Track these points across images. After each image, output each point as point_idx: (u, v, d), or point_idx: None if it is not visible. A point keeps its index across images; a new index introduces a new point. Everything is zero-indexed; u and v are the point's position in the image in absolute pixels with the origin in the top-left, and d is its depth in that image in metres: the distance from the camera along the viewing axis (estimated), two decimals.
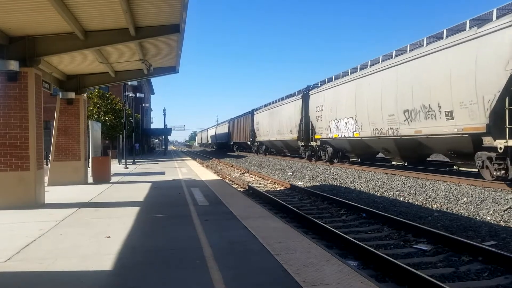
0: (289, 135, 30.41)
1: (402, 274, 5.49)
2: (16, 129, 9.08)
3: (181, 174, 18.21)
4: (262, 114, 39.47)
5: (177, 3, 8.33)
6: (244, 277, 4.16)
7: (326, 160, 24.76)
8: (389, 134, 16.85)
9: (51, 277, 4.32)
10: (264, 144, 40.46)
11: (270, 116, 35.96)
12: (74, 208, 8.71)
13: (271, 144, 37.69)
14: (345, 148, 22.71)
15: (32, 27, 8.99)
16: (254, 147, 44.81)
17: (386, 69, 17.23)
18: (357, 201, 12.08)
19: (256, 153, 43.69)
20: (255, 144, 43.79)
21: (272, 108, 35.82)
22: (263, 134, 39.02)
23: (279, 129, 32.92)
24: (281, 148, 35.54)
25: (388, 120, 16.87)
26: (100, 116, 33.40)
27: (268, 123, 36.32)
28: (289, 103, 30.88)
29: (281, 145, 34.76)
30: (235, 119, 55.85)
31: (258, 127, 40.94)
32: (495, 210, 9.64)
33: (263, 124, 38.36)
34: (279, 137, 33.20)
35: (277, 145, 35.74)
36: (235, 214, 7.59)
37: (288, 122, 30.60)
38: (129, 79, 16.89)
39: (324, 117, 23.75)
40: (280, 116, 32.64)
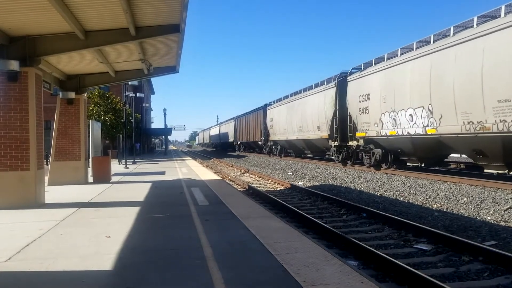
0: (316, 133, 25.14)
1: (402, 274, 5.49)
2: (17, 129, 9.07)
3: (182, 174, 18.21)
4: (277, 110, 33.91)
5: (177, 3, 8.33)
6: (244, 277, 4.16)
7: (371, 164, 19.24)
8: (496, 130, 11.46)
9: (51, 277, 4.32)
10: (279, 144, 35.01)
11: (288, 111, 30.63)
12: (75, 208, 8.71)
13: (288, 144, 32.26)
14: (403, 149, 16.90)
15: (32, 27, 8.99)
16: (266, 147, 39.41)
17: (493, 32, 11.55)
18: (357, 201, 12.08)
19: (268, 155, 38.63)
20: (267, 144, 38.37)
21: (291, 102, 30.31)
22: (278, 132, 33.46)
23: (301, 126, 27.51)
24: (302, 148, 30.12)
25: (497, 109, 11.43)
26: (101, 116, 33.41)
27: (286, 119, 30.95)
28: (316, 94, 25.16)
29: (302, 145, 29.39)
30: (242, 116, 50.35)
31: (272, 124, 35.33)
32: (496, 210, 9.64)
33: (279, 121, 32.95)
34: (300, 136, 27.87)
35: (297, 145, 30.39)
36: (235, 214, 7.59)
37: (314, 117, 25.18)
38: (129, 79, 16.92)
39: (373, 109, 18.07)
40: (303, 110, 27.06)
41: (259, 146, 43.27)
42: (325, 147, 25.02)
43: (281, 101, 33.53)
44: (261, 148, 42.74)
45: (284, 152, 34.96)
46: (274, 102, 36.23)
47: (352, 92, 20.41)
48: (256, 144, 43.98)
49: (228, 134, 60.79)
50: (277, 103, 34.76)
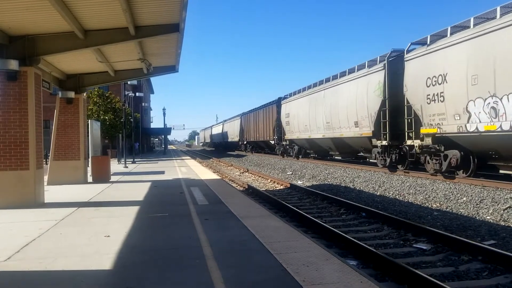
0: (351, 130, 19.91)
1: (401, 273, 5.50)
2: (16, 129, 9.07)
3: (181, 173, 18.20)
4: (296, 103, 28.57)
5: (176, 2, 8.33)
6: (244, 276, 4.16)
7: (440, 171, 14.32)
8: None
9: (51, 276, 4.32)
10: (296, 144, 29.88)
11: (311, 104, 25.30)
12: (74, 208, 8.70)
13: (309, 143, 26.90)
14: (502, 150, 12.05)
15: (31, 26, 8.98)
16: (279, 147, 34.08)
17: None
18: (356, 201, 12.09)
19: (281, 156, 33.52)
20: (282, 143, 33.05)
21: (315, 93, 24.85)
22: (296, 129, 28.16)
23: (329, 122, 22.39)
24: (328, 149, 24.88)
25: None
26: (100, 116, 33.37)
27: (308, 114, 25.67)
28: (353, 81, 19.91)
29: (328, 145, 24.14)
30: (250, 113, 45.18)
31: (288, 120, 29.95)
32: (495, 210, 9.65)
33: (298, 116, 27.68)
34: (328, 134, 22.72)
35: (321, 145, 25.26)
36: (234, 214, 7.60)
37: (350, 110, 19.90)
38: (129, 78, 16.92)
39: (452, 95, 13.05)
40: (333, 102, 21.99)
41: (270, 146, 38.11)
42: (364, 147, 20.12)
43: (300, 93, 27.93)
44: (272, 148, 37.61)
45: (303, 153, 29.64)
46: (290, 94, 30.70)
47: (413, 74, 15.12)
48: (267, 143, 38.80)
49: (232, 133, 55.95)
50: (295, 95, 29.24)
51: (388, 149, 17.32)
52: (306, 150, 29.30)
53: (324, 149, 25.75)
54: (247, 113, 46.95)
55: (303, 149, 29.54)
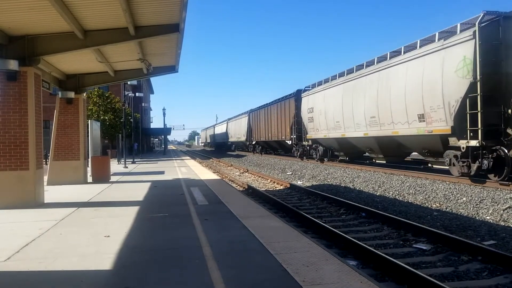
0: (414, 126, 14.68)
1: (401, 273, 5.50)
2: (16, 129, 9.07)
3: (181, 173, 18.20)
4: (323, 95, 23.16)
5: (176, 3, 8.33)
6: (244, 277, 4.16)
7: None
8: None
9: (51, 276, 4.32)
10: (322, 144, 24.92)
11: (345, 94, 20.21)
12: (74, 208, 8.70)
13: (341, 143, 21.91)
14: None
15: (31, 26, 8.98)
16: (299, 147, 29.08)
17: None
18: (356, 201, 12.09)
19: (300, 158, 29.00)
20: (302, 143, 28.05)
21: (351, 80, 19.63)
22: (324, 127, 23.02)
23: (375, 116, 17.18)
24: (367, 150, 20.21)
25: None
26: (100, 116, 33.39)
27: (340, 107, 20.67)
28: (416, 60, 14.76)
29: (370, 146, 19.08)
30: (260, 109, 40.05)
31: (312, 116, 24.87)
32: (495, 210, 9.65)
33: (326, 111, 22.47)
34: (373, 131, 17.65)
35: (359, 146, 20.43)
36: (234, 214, 7.60)
37: (411, 98, 14.82)
38: (129, 78, 16.92)
39: None
40: (381, 90, 16.71)
41: (285, 146, 33.31)
42: (429, 149, 14.97)
43: (329, 82, 22.86)
44: (288, 149, 33.00)
45: (330, 155, 24.78)
46: (314, 85, 25.52)
47: None
48: (281, 144, 33.89)
49: (238, 132, 51.03)
50: (320, 85, 24.02)
51: (480, 152, 12.10)
52: (333, 151, 24.42)
53: (359, 150, 21.40)
54: (256, 109, 41.77)
55: (329, 150, 24.69)
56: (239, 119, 51.51)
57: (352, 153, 22.62)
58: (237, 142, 53.15)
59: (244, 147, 50.52)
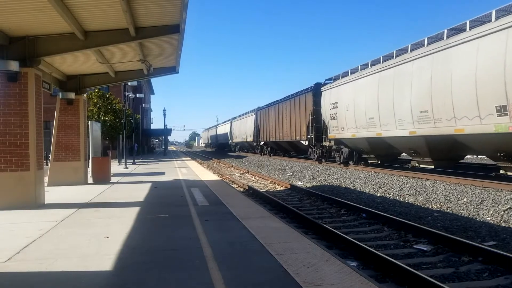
0: (490, 122, 11.40)
1: (402, 274, 5.50)
2: (16, 129, 9.07)
3: (181, 174, 18.21)
4: (350, 87, 19.87)
5: (177, 4, 8.33)
6: (244, 277, 4.16)
7: None
8: None
9: (51, 277, 4.32)
10: (347, 145, 21.43)
11: (382, 84, 16.64)
12: (74, 209, 8.71)
13: (373, 144, 18.44)
14: None
15: (32, 27, 8.99)
16: (317, 149, 25.39)
17: None
18: (357, 202, 12.09)
19: (318, 161, 25.58)
20: (322, 144, 24.45)
21: (390, 67, 16.12)
22: (352, 124, 19.56)
23: (427, 110, 13.90)
24: (410, 153, 16.45)
25: None
26: (100, 117, 33.41)
27: (375, 99, 17.09)
28: (492, 35, 11.36)
29: (415, 147, 15.55)
30: (269, 106, 36.31)
31: (335, 112, 21.30)
32: (495, 211, 9.65)
33: (356, 105, 19.02)
34: (424, 129, 14.13)
35: (398, 147, 17.17)
36: (235, 215, 7.60)
37: (484, 85, 11.58)
38: (129, 79, 16.91)
39: None
40: (437, 76, 13.37)
41: (299, 148, 30.04)
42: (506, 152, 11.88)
43: (359, 72, 19.08)
44: (303, 150, 29.86)
45: (356, 158, 21.27)
46: (337, 77, 21.79)
47: None
48: (295, 145, 30.57)
49: (244, 132, 47.81)
50: (347, 76, 20.56)
51: None
52: (361, 153, 20.76)
53: (396, 152, 18.46)
54: (265, 107, 38.35)
55: (356, 152, 21.16)
56: (244, 118, 48.07)
57: (386, 155, 19.14)
58: (242, 142, 49.79)
59: (250, 148, 47.42)
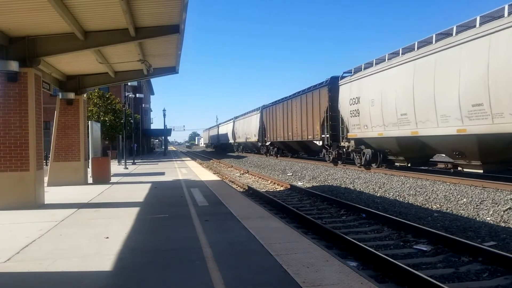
0: None
1: (402, 274, 5.50)
2: (16, 130, 9.07)
3: (181, 174, 18.20)
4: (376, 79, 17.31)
5: (177, 4, 8.34)
6: (244, 278, 4.16)
7: None
8: None
9: (51, 277, 4.32)
10: (370, 146, 18.99)
11: (419, 74, 14.46)
12: (74, 209, 8.70)
13: (406, 145, 16.20)
14: None
15: (32, 27, 8.99)
16: (333, 150, 22.99)
17: None
18: (357, 202, 12.09)
19: (333, 163, 23.06)
20: (340, 145, 22.05)
21: (431, 53, 13.91)
22: (378, 122, 17.17)
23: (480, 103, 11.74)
24: (457, 153, 13.80)
25: None
26: (100, 117, 33.40)
27: (409, 92, 14.88)
28: None
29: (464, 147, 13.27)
30: (277, 104, 33.97)
31: (357, 109, 18.91)
32: (495, 211, 9.65)
33: (383, 99, 16.63)
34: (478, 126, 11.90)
35: (438, 147, 15.01)
36: (235, 215, 7.59)
37: None
38: (129, 79, 16.91)
39: None
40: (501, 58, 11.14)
41: (311, 148, 27.79)
42: None
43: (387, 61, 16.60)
44: (315, 151, 27.70)
45: (380, 160, 18.87)
46: (358, 69, 19.34)
47: None
48: (306, 145, 28.21)
49: (248, 132, 45.30)
50: (372, 67, 17.82)
51: None
52: (387, 155, 18.43)
53: (429, 153, 16.48)
54: (271, 105, 36.04)
55: (380, 153, 18.78)
56: (248, 117, 45.49)
57: (418, 157, 16.83)
58: (246, 143, 47.34)
59: (254, 149, 45.14)
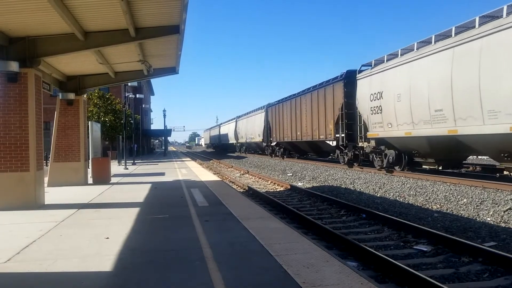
0: None
1: (402, 275, 5.49)
2: (16, 130, 9.07)
3: (181, 175, 18.20)
4: (406, 68, 15.27)
5: (177, 4, 8.34)
6: (244, 278, 4.16)
7: None
8: None
9: (51, 278, 4.32)
10: (394, 146, 17.05)
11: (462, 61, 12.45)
12: (74, 209, 8.70)
13: (438, 145, 14.28)
14: None
15: (32, 28, 8.99)
16: (349, 151, 21.00)
17: None
18: (357, 202, 12.08)
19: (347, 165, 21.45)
20: (358, 145, 20.02)
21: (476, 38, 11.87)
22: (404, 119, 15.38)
23: None
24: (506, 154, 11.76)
25: None
26: (100, 117, 33.42)
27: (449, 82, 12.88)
28: None
29: None
30: (283, 102, 32.11)
31: (379, 105, 16.95)
32: (495, 211, 9.65)
33: (414, 93, 14.73)
34: None
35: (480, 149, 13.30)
36: (235, 215, 7.59)
37: None
38: (129, 80, 16.92)
39: None
40: None
41: (322, 149, 25.96)
42: None
43: (416, 50, 14.78)
44: (326, 152, 26.15)
45: (405, 163, 16.95)
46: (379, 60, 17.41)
47: None
48: (317, 145, 26.14)
49: (252, 132, 43.34)
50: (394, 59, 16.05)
51: None
52: (414, 156, 16.54)
53: (465, 155, 14.97)
54: (277, 103, 34.31)
55: (405, 155, 16.82)
56: (252, 116, 43.61)
57: (452, 159, 14.91)
58: (249, 143, 45.37)
59: (258, 149, 43.29)
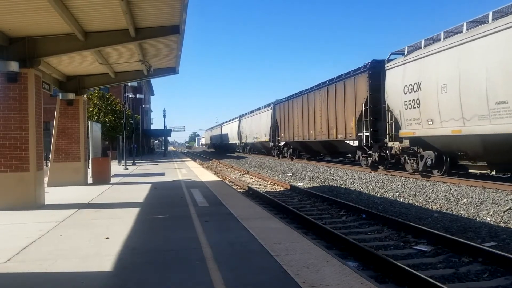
0: None
1: (402, 275, 5.50)
2: (16, 130, 9.07)
3: (181, 175, 18.20)
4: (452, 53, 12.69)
5: (177, 4, 8.34)
6: (244, 278, 4.16)
7: None
8: None
9: (51, 278, 4.32)
10: (433, 147, 14.62)
11: None
12: (74, 209, 8.70)
13: (493, 146, 11.84)
14: None
15: (32, 28, 8.99)
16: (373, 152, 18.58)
17: None
18: (357, 202, 12.08)
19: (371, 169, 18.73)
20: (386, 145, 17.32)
21: None
22: (452, 115, 12.81)
23: None
24: None
25: None
26: (100, 117, 33.42)
27: None
28: None
29: None
30: (293, 98, 29.38)
31: (418, 98, 14.38)
32: (495, 211, 9.65)
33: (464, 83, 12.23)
34: None
35: None
36: (235, 215, 7.59)
37: None
38: (129, 80, 16.92)
39: None
40: None
41: (339, 149, 23.46)
42: None
43: (462, 34, 12.43)
44: (342, 153, 23.86)
45: (447, 166, 14.56)
46: (414, 46, 14.97)
47: None
48: (333, 145, 23.53)
49: (257, 131, 40.59)
50: (435, 44, 13.80)
51: None
52: (459, 158, 14.30)
53: None
54: (285, 100, 31.55)
55: (447, 157, 14.48)
56: (257, 114, 40.55)
57: (505, 162, 12.65)
58: (254, 143, 42.62)
59: (264, 150, 40.64)
